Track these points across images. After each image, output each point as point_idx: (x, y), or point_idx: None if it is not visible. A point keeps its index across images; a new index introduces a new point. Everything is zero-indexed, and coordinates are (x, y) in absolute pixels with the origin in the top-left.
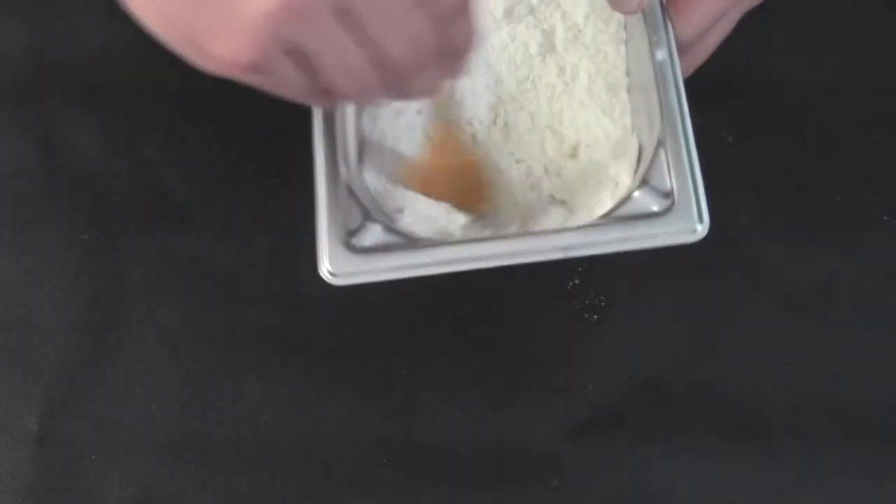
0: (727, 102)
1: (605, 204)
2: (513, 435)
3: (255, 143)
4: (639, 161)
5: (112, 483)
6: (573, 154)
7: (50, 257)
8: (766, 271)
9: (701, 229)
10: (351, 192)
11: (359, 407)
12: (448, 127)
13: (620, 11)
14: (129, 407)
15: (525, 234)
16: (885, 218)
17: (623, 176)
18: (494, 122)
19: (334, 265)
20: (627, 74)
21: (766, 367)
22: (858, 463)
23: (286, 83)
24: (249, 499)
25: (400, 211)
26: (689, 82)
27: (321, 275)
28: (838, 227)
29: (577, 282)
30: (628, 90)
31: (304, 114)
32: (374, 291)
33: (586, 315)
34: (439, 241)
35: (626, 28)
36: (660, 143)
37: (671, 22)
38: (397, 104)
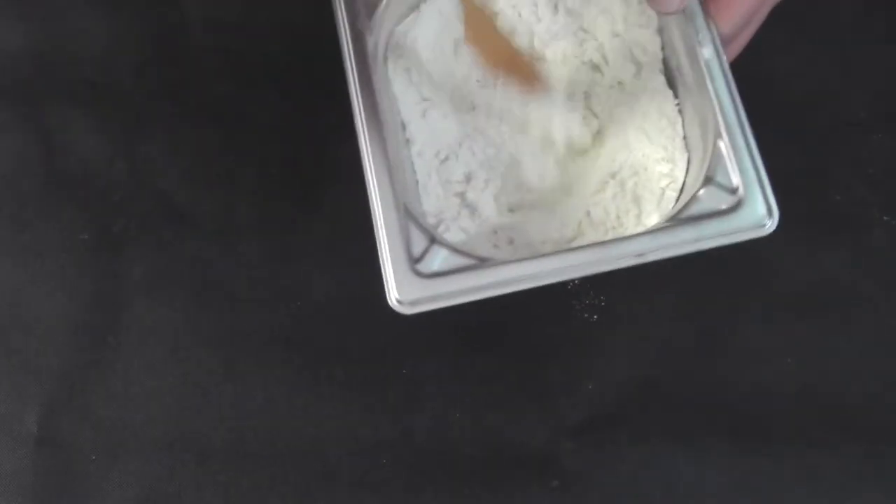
0: None
1: (653, 215)
2: (513, 435)
3: (255, 143)
4: (688, 162)
5: (112, 483)
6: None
7: (50, 257)
8: (766, 271)
9: (770, 223)
10: (410, 214)
11: (359, 407)
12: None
13: (661, 13)
14: (129, 407)
15: (596, 244)
16: (885, 218)
17: (668, 183)
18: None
19: (402, 293)
20: (667, 75)
21: (766, 367)
22: (858, 463)
23: None
24: (249, 499)
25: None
26: None
27: (390, 304)
28: (838, 227)
29: (576, 282)
30: (675, 92)
31: (303, 114)
32: (373, 292)
33: (586, 315)
34: (510, 259)
35: (661, 30)
36: (717, 139)
37: (713, 20)
38: None
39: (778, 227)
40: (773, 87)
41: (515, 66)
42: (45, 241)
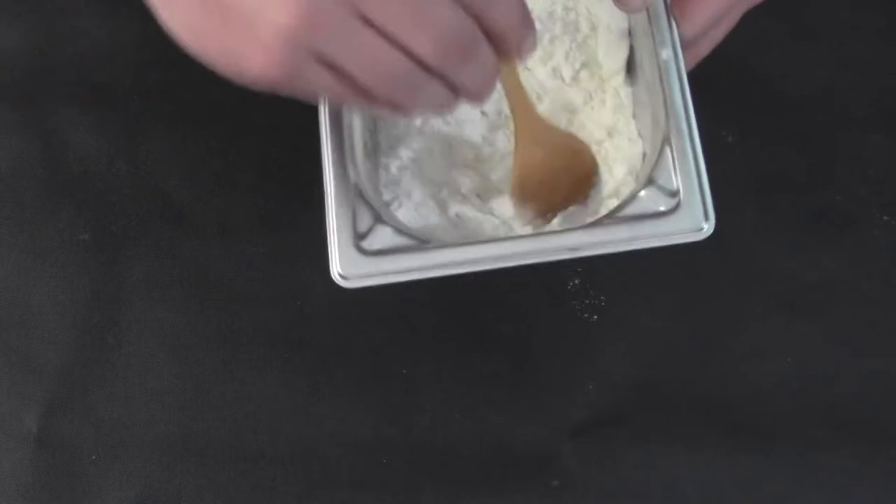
0: (727, 102)
1: (607, 208)
2: (513, 435)
3: (255, 143)
4: (643, 160)
5: (112, 483)
6: None
7: (50, 257)
8: (766, 271)
9: (707, 227)
10: (360, 194)
11: (359, 407)
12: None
13: (625, 10)
14: (129, 407)
15: (533, 234)
16: (885, 218)
17: (625, 176)
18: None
19: (345, 268)
20: (629, 75)
21: (766, 367)
22: (858, 463)
23: (324, 90)
24: (249, 499)
25: (393, 202)
26: (690, 82)
27: (333, 277)
28: (838, 227)
29: (577, 282)
30: (632, 89)
31: (303, 113)
32: (373, 292)
33: (586, 315)
34: (450, 243)
35: (629, 27)
36: (665, 142)
37: (675, 20)
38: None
39: (778, 227)
40: (773, 87)
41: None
42: (45, 241)
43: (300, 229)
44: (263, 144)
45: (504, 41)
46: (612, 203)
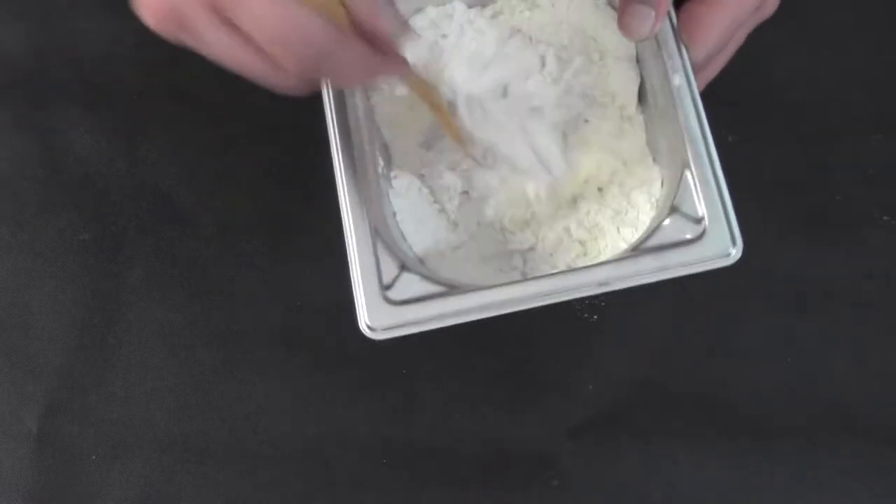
0: (727, 102)
1: (626, 239)
2: (513, 435)
3: (255, 143)
4: (661, 186)
5: (112, 483)
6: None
7: (50, 257)
8: (766, 271)
9: (735, 252)
10: (382, 241)
11: (359, 407)
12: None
13: (632, 39)
14: (129, 407)
15: (561, 272)
16: (885, 218)
17: (643, 205)
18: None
19: (373, 319)
20: (640, 102)
21: (766, 367)
22: (858, 463)
23: (198, 49)
24: (249, 499)
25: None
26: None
27: (361, 330)
28: (838, 227)
29: None
30: (644, 118)
31: (304, 113)
32: None
33: (586, 315)
34: (477, 286)
35: (637, 55)
36: (685, 168)
37: (685, 45)
38: None
39: (778, 227)
40: (773, 88)
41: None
42: (45, 241)
43: (300, 229)
44: (263, 144)
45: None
46: (633, 234)
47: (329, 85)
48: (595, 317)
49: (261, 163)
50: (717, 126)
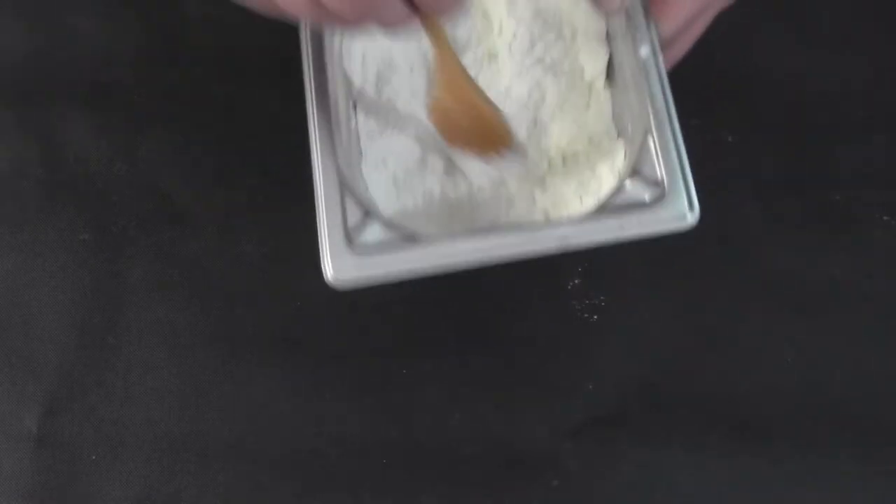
0: (727, 102)
1: (589, 201)
2: (513, 435)
3: (255, 143)
4: (625, 157)
5: (112, 483)
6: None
7: (50, 257)
8: (766, 271)
9: (691, 217)
10: (350, 190)
11: (359, 407)
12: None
13: (604, 10)
14: (129, 407)
15: (522, 226)
16: (885, 218)
17: (606, 175)
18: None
19: (337, 268)
20: (608, 79)
21: (766, 367)
22: (858, 463)
23: None
24: (249, 499)
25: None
26: (690, 83)
27: (325, 278)
28: (838, 227)
29: (577, 282)
30: (611, 93)
31: (303, 113)
32: (373, 291)
33: (586, 315)
34: (440, 235)
35: (607, 32)
36: (647, 134)
37: (654, 20)
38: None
39: (778, 227)
40: (773, 87)
41: (486, 133)
42: (45, 241)
43: (300, 229)
44: (263, 144)
45: (421, 5)
46: (595, 203)
47: (307, 29)
48: (595, 317)
49: (261, 163)
50: (717, 126)
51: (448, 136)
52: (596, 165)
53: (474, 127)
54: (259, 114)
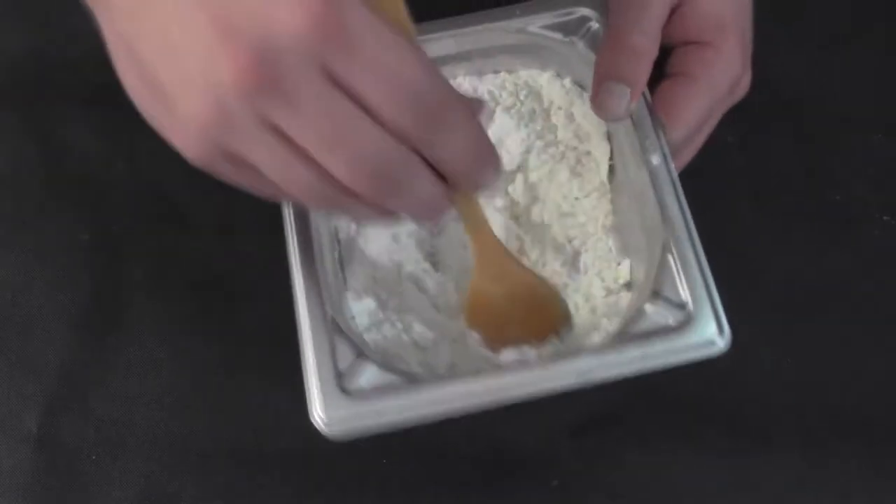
0: None
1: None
2: (513, 435)
3: None
4: (629, 271)
5: (112, 483)
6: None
7: (50, 257)
8: (765, 271)
9: (721, 342)
10: (338, 328)
11: None
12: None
13: (606, 119)
14: (129, 407)
15: (538, 362)
16: (885, 218)
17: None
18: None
19: (328, 412)
20: (610, 185)
21: (766, 367)
22: (858, 463)
23: (247, 187)
24: (249, 499)
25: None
26: None
27: (314, 424)
28: (838, 227)
29: None
30: (612, 196)
31: None
32: None
33: None
34: (443, 377)
35: (609, 137)
36: (665, 251)
37: (662, 125)
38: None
39: (778, 227)
40: (773, 87)
41: (539, 316)
42: (45, 241)
43: None
44: None
45: (455, 179)
46: (606, 323)
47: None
48: None
49: None
50: (717, 126)
51: (491, 333)
52: (593, 278)
53: (524, 310)
54: None
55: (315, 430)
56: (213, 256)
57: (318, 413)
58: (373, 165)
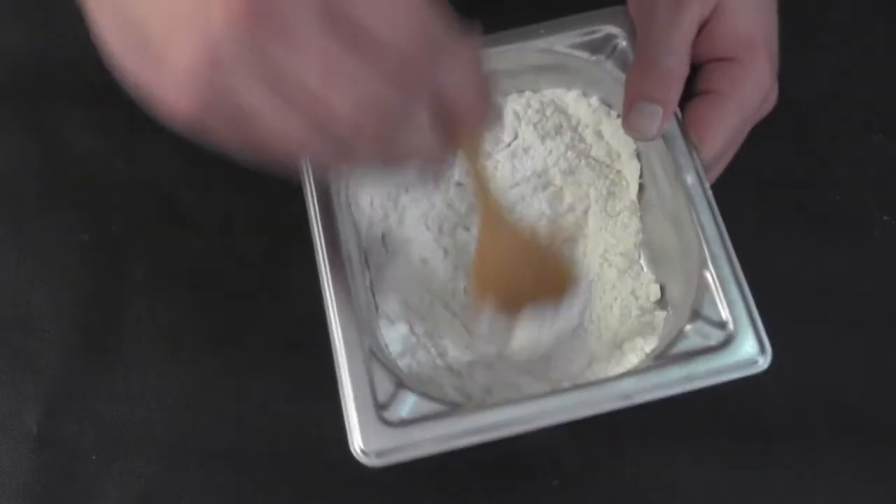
0: None
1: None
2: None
3: None
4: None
5: (112, 483)
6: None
7: (50, 257)
8: (766, 271)
9: (763, 361)
10: (375, 357)
11: None
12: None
13: (639, 139)
14: (129, 407)
15: (579, 386)
16: (884, 218)
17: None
18: None
19: (368, 444)
20: (639, 204)
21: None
22: (858, 463)
23: (239, 141)
24: (249, 499)
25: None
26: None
27: (354, 455)
28: (838, 227)
29: None
30: (641, 214)
31: None
32: None
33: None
34: (483, 406)
35: (639, 155)
36: (703, 270)
37: (694, 144)
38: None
39: (778, 227)
40: None
41: (544, 276)
42: (45, 241)
43: (300, 229)
44: None
45: (457, 112)
46: (642, 342)
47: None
48: None
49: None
50: None
51: (500, 298)
52: (625, 294)
53: (531, 275)
54: None
55: (315, 430)
56: (213, 256)
57: (359, 445)
58: (376, 99)
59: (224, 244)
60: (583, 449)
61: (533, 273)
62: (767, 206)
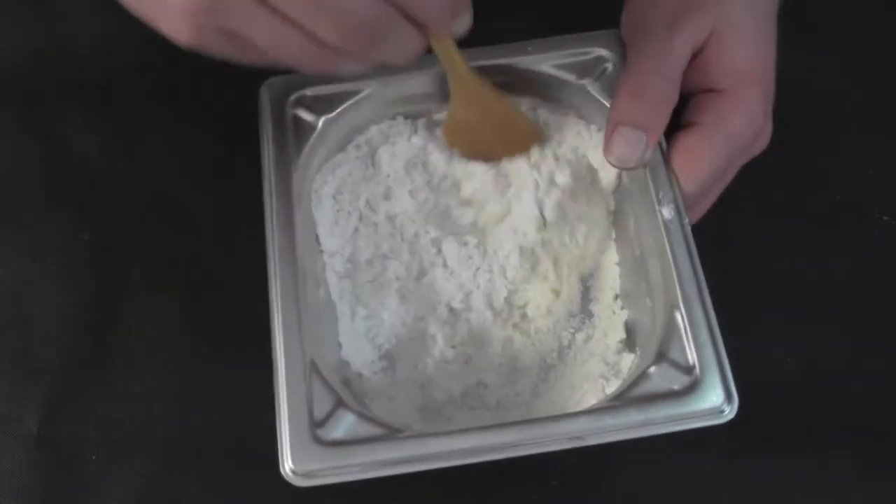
0: None
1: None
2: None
3: (255, 142)
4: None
5: (112, 483)
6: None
7: (50, 257)
8: (765, 271)
9: (729, 411)
10: (317, 371)
11: None
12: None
13: (618, 167)
14: (129, 407)
15: (526, 422)
16: (884, 218)
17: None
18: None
19: (298, 464)
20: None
21: (765, 366)
22: (858, 463)
23: (237, 56)
24: (249, 499)
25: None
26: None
27: (283, 474)
28: (838, 227)
29: None
30: (616, 244)
31: None
32: None
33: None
34: (426, 432)
35: (618, 187)
36: (674, 310)
37: (676, 177)
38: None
39: (778, 227)
40: None
41: (513, 133)
42: (45, 241)
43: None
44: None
45: (432, 24)
46: (604, 383)
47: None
48: None
49: (261, 163)
50: None
51: (469, 149)
52: (609, 331)
53: (499, 133)
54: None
55: None
56: (213, 257)
57: (288, 464)
58: (356, 22)
59: (224, 244)
60: (583, 449)
61: (500, 132)
62: (767, 206)
